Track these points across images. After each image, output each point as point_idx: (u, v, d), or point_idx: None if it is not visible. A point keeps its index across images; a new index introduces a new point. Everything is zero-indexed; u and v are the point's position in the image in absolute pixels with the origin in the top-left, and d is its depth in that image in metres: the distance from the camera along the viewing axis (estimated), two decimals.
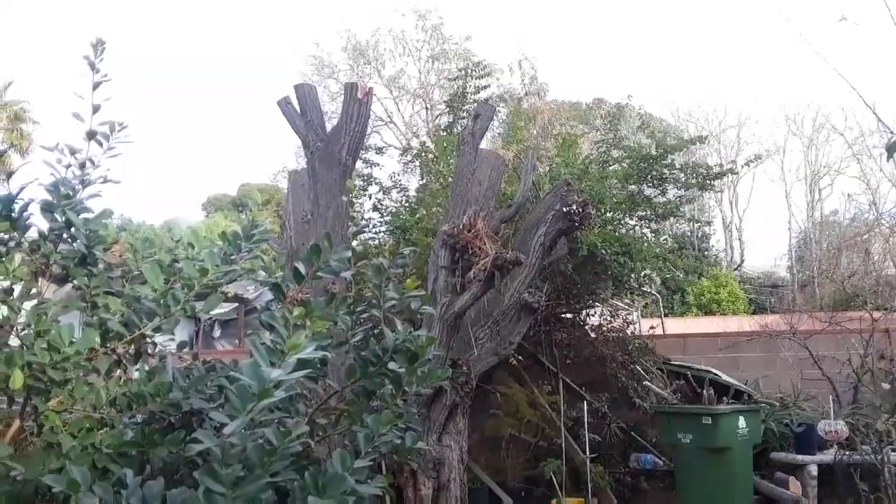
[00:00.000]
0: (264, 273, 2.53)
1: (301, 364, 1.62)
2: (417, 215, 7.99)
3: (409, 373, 2.33)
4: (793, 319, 8.73)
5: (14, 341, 2.07)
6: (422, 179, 9.11)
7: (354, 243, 7.43)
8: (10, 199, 2.18)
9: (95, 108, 2.42)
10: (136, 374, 2.29)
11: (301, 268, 2.22)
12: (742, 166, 10.02)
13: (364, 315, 2.61)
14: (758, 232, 38.76)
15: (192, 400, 2.05)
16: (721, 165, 10.01)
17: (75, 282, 2.27)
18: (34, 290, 2.22)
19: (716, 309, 20.77)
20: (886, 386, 7.58)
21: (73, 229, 2.24)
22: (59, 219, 2.24)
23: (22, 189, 2.23)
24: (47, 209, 2.23)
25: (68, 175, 2.34)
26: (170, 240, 2.74)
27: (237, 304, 13.67)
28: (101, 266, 2.26)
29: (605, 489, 6.97)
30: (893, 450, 6.47)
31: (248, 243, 2.43)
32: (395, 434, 2.24)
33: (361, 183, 8.76)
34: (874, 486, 6.18)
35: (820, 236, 27.46)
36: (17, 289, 2.19)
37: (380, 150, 9.78)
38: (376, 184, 8.82)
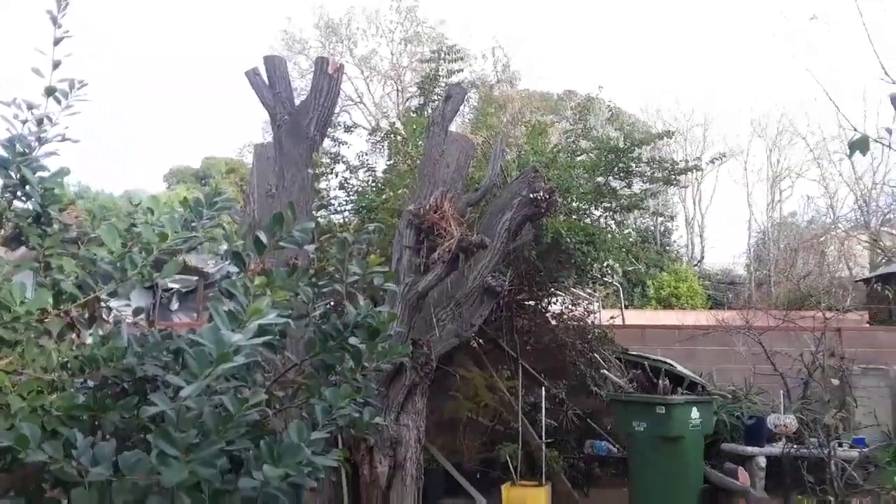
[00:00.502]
0: (226, 243, 2.48)
1: (262, 331, 1.59)
2: (384, 196, 7.95)
3: (370, 348, 2.31)
4: (748, 316, 8.93)
5: None
6: (390, 160, 9.06)
7: (319, 218, 7.36)
8: None
9: (56, 64, 2.34)
10: (89, 339, 2.24)
11: (262, 237, 2.19)
12: (707, 163, 10.15)
13: (326, 289, 2.59)
14: (719, 230, 39.48)
15: (147, 366, 2.01)
16: (686, 161, 10.14)
17: (29, 241, 2.20)
18: None
19: (675, 303, 21.14)
20: (836, 382, 7.81)
21: (27, 187, 2.18)
22: (13, 176, 2.17)
23: None
24: (2, 165, 2.16)
25: (24, 132, 2.27)
26: (129, 206, 2.67)
27: (197, 278, 13.46)
28: (55, 226, 2.20)
29: (560, 474, 7.06)
30: (840, 444, 6.67)
31: (210, 210, 2.39)
32: (353, 408, 2.23)
33: (329, 161, 8.68)
34: (820, 479, 6.35)
35: (778, 236, 28.06)
36: None
37: (349, 129, 9.69)
38: (344, 162, 8.76)
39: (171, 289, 13.15)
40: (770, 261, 25.70)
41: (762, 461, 6.93)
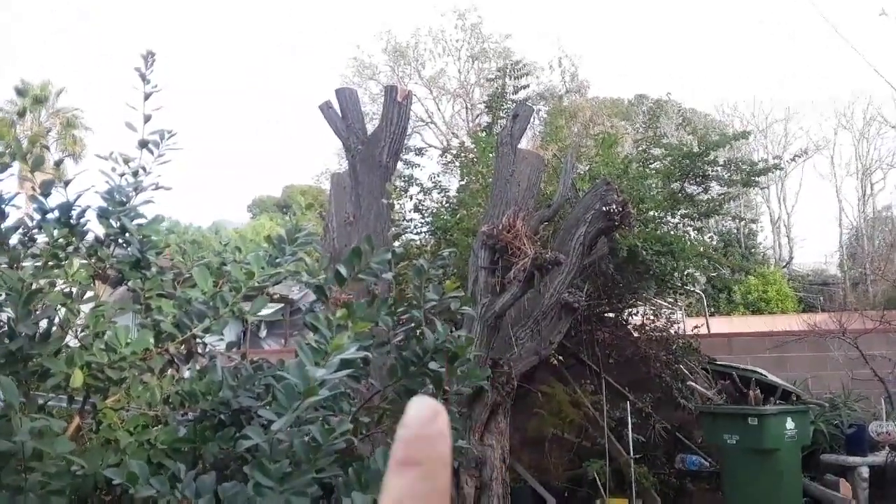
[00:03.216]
0: (308, 275, 2.60)
1: (344, 364, 1.67)
2: (458, 216, 8.03)
3: (450, 372, 2.38)
4: (843, 318, 8.54)
5: (73, 342, 2.17)
6: (462, 180, 9.16)
7: (396, 244, 7.51)
8: (68, 206, 2.29)
9: (147, 118, 2.52)
10: (187, 374, 2.38)
11: (343, 270, 2.28)
12: (788, 162, 9.84)
13: (405, 316, 2.66)
14: (807, 228, 37.85)
15: (241, 398, 2.12)
16: (766, 161, 9.84)
17: (130, 284, 2.37)
18: (90, 294, 2.33)
19: (764, 307, 20.35)
20: None
21: (127, 235, 2.35)
22: (114, 225, 2.35)
23: (79, 196, 2.34)
24: (103, 216, 2.34)
25: (122, 183, 2.45)
26: (217, 242, 2.83)
27: (282, 305, 13.91)
28: (153, 269, 2.36)
29: (650, 490, 6.92)
30: None
31: (293, 247, 2.51)
32: None
33: (402, 184, 8.85)
34: None
35: (872, 232, 26.70)
36: (76, 291, 2.30)
37: (420, 152, 9.85)
38: (417, 184, 8.90)
39: (260, 317, 13.60)
40: (865, 258, 24.48)
41: (865, 471, 6.62)
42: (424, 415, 0.45)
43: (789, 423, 6.12)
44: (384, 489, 0.45)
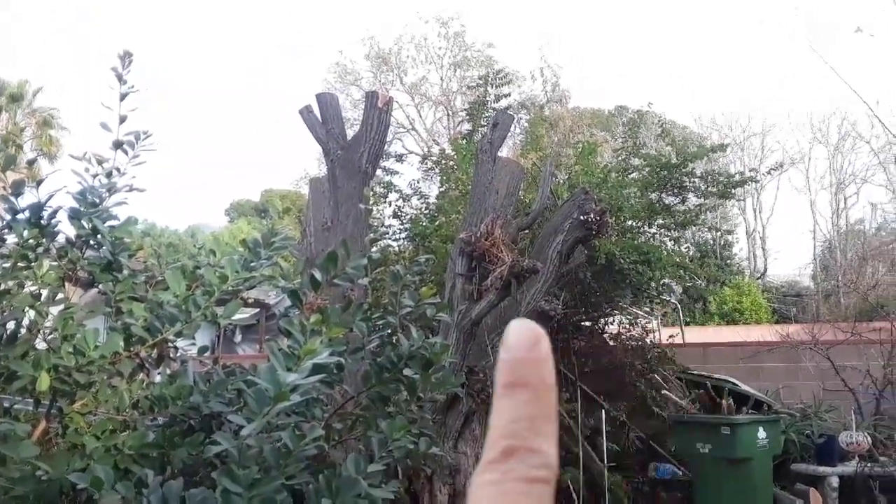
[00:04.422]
0: (283, 279, 2.58)
1: (317, 369, 1.66)
2: (436, 222, 8.03)
3: (424, 379, 2.37)
4: (815, 330, 8.66)
5: (41, 345, 2.14)
6: (441, 187, 9.17)
7: (373, 249, 7.48)
8: (38, 207, 2.26)
9: (122, 119, 2.49)
10: (158, 378, 2.35)
11: (318, 275, 2.27)
12: (764, 174, 9.97)
13: (380, 321, 2.65)
14: (782, 240, 38.38)
15: (212, 403, 2.10)
16: (742, 174, 9.97)
17: (101, 287, 2.34)
18: (60, 296, 2.29)
19: (738, 318, 20.56)
20: None
21: (99, 236, 2.31)
22: (85, 226, 2.31)
23: (50, 197, 2.30)
24: (75, 217, 2.30)
25: (95, 183, 2.41)
26: (193, 245, 2.80)
27: (258, 310, 13.80)
28: (125, 272, 2.32)
29: (623, 499, 6.95)
30: None
31: (268, 250, 2.49)
32: (408, 439, 2.27)
33: (381, 190, 8.84)
34: (893, 500, 6.10)
35: (845, 245, 27.10)
36: (44, 293, 2.26)
37: (400, 158, 9.85)
38: (396, 191, 8.89)
39: (234, 322, 13.50)
40: (838, 271, 24.84)
41: (835, 481, 6.69)
42: (527, 338, 0.44)
43: (761, 433, 6.18)
44: (493, 412, 0.43)
